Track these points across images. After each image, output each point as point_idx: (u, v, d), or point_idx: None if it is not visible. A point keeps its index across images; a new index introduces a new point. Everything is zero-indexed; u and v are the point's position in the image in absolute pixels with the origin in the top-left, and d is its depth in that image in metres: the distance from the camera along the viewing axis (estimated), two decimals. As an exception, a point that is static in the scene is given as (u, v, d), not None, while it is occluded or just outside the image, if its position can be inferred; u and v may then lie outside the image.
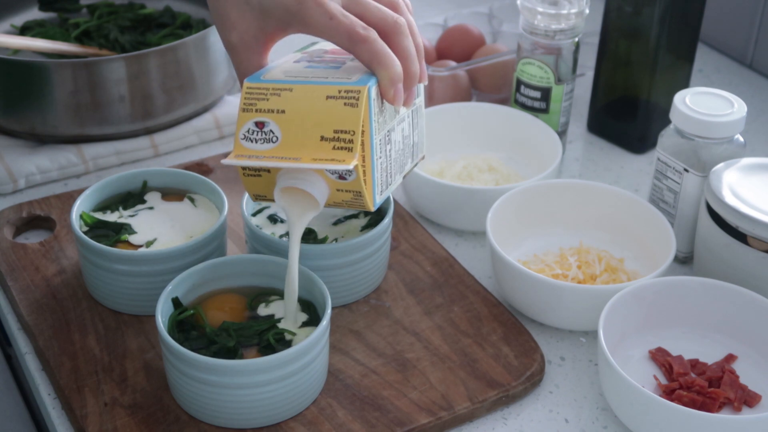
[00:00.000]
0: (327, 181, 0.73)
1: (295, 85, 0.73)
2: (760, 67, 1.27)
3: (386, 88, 0.73)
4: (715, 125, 0.89)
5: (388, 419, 0.77)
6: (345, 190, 0.74)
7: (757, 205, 0.84)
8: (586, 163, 1.10)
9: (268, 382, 0.73)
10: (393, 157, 0.77)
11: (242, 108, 0.73)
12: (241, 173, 0.75)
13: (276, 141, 0.72)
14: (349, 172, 0.72)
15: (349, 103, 0.71)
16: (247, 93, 0.74)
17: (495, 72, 1.14)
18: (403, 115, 0.79)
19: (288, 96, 0.73)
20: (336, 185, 0.73)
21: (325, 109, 0.71)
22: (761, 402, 0.79)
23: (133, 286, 0.84)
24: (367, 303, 0.88)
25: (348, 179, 0.72)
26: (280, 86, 0.73)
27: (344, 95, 0.71)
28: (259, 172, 0.75)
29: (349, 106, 0.71)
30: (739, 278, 0.85)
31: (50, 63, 1.01)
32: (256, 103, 0.73)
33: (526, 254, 0.93)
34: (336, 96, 0.72)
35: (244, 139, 0.73)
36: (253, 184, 0.76)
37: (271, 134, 0.72)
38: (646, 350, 0.83)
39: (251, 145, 0.72)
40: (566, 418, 0.80)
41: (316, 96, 0.72)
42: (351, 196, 0.74)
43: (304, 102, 0.72)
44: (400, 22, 0.73)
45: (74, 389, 0.79)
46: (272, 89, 0.73)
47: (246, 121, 0.73)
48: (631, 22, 1.04)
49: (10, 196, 1.02)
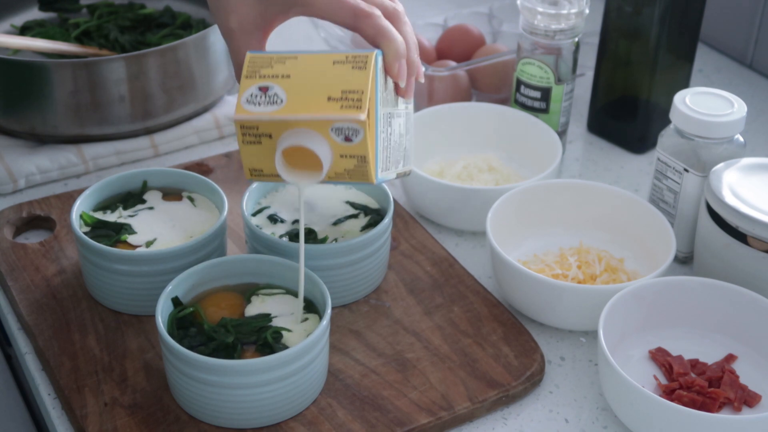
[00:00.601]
0: (331, 146, 0.71)
1: (300, 54, 0.72)
2: (760, 67, 1.27)
3: (391, 63, 0.72)
4: (715, 125, 0.89)
5: (388, 419, 0.77)
6: (349, 155, 0.71)
7: (757, 205, 0.84)
8: (586, 163, 1.10)
9: (268, 382, 0.73)
10: (392, 143, 0.76)
11: (245, 75, 0.71)
12: (241, 141, 0.73)
13: (281, 103, 0.70)
14: (356, 132, 0.70)
15: (357, 67, 0.70)
16: (251, 62, 0.72)
17: (495, 72, 1.14)
18: (401, 110, 0.78)
19: (293, 63, 0.71)
20: (340, 150, 0.71)
21: (332, 73, 0.70)
22: (761, 402, 0.79)
23: (133, 286, 0.84)
24: (367, 303, 0.88)
25: (354, 141, 0.70)
26: (284, 55, 0.72)
27: (352, 60, 0.70)
28: (259, 138, 0.72)
29: (358, 69, 0.70)
30: (739, 278, 0.85)
31: (50, 63, 1.01)
32: (259, 70, 0.71)
33: (526, 254, 0.93)
34: (343, 61, 0.70)
35: (247, 103, 0.71)
36: (251, 154, 0.73)
37: (276, 97, 0.70)
38: (646, 350, 0.83)
39: (255, 108, 0.71)
40: (566, 418, 0.80)
41: (323, 61, 0.71)
42: (354, 163, 0.72)
43: (310, 67, 0.71)
44: (399, 9, 0.74)
45: (74, 389, 0.79)
46: (277, 58, 0.72)
47: (249, 86, 0.71)
48: (631, 22, 1.04)
49: (10, 196, 1.02)
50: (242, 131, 0.72)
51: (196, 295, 0.81)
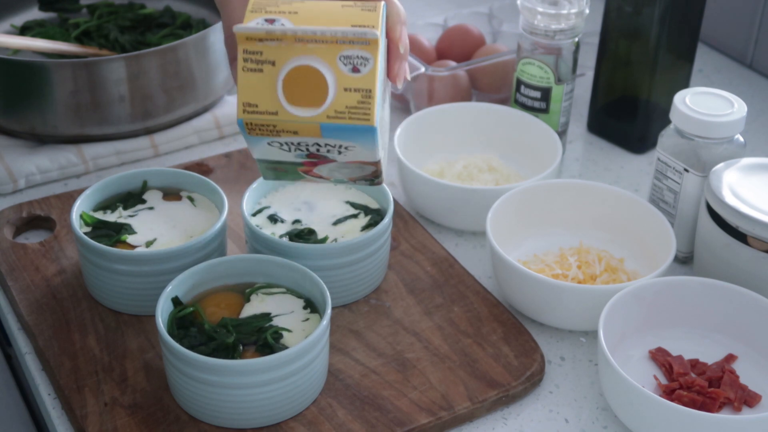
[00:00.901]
0: (336, 76, 0.68)
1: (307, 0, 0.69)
2: (760, 67, 1.27)
3: (393, 25, 0.70)
4: (715, 125, 0.89)
5: (388, 419, 0.77)
6: (354, 89, 0.67)
7: (757, 205, 0.84)
8: (586, 163, 1.10)
9: (268, 382, 0.73)
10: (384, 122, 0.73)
11: (250, 10, 0.68)
12: (241, 68, 0.68)
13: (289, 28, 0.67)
14: (365, 60, 0.66)
15: (367, 9, 0.68)
16: (255, 2, 0.69)
17: (495, 72, 1.14)
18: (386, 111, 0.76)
19: (300, 4, 0.69)
20: (345, 82, 0.67)
21: (341, 12, 0.68)
22: (761, 402, 0.79)
23: (133, 286, 0.84)
24: (367, 303, 0.88)
25: (362, 71, 0.67)
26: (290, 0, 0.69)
27: (361, 4, 0.68)
28: (261, 65, 0.68)
29: (367, 10, 0.68)
30: (739, 278, 0.85)
31: (50, 63, 1.01)
32: (265, 7, 0.68)
33: (526, 254, 0.93)
34: (352, 5, 0.68)
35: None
36: (251, 83, 0.68)
37: (283, 26, 0.67)
38: (646, 350, 0.83)
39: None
40: (566, 418, 0.80)
41: (332, 4, 0.68)
42: (358, 99, 0.68)
43: (318, 6, 0.68)
44: None
45: (74, 389, 0.79)
46: (283, 1, 0.69)
47: (253, 18, 0.68)
48: (631, 22, 1.04)
49: (10, 196, 1.02)
50: (244, 55, 0.68)
51: (196, 295, 0.81)
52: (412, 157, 1.01)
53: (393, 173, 1.07)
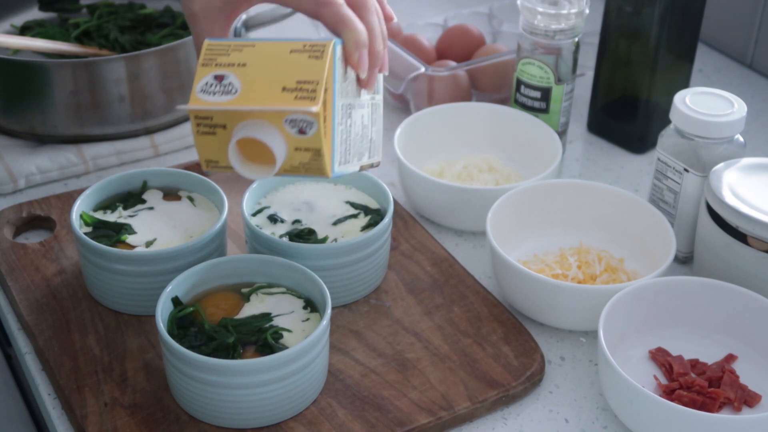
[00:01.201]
0: (285, 138, 0.70)
1: (258, 42, 0.71)
2: (760, 67, 1.27)
3: (351, 51, 0.71)
4: (715, 125, 0.89)
5: (388, 419, 0.77)
6: (304, 148, 0.70)
7: (757, 205, 0.84)
8: (586, 163, 1.10)
9: (268, 382, 0.73)
10: (353, 136, 0.75)
11: (201, 63, 0.70)
12: (195, 131, 0.71)
13: (235, 93, 0.69)
14: (310, 124, 0.68)
15: (314, 56, 0.69)
16: (208, 50, 0.71)
17: (495, 72, 1.14)
18: (364, 101, 0.76)
19: (250, 51, 0.70)
20: (295, 143, 0.70)
21: (288, 62, 0.69)
22: (761, 402, 0.79)
23: (133, 286, 0.84)
24: (367, 303, 0.88)
25: (308, 134, 0.69)
26: (242, 43, 0.71)
27: (309, 49, 0.69)
28: (213, 129, 0.71)
29: (314, 58, 0.69)
30: (739, 278, 0.85)
31: (50, 63, 1.01)
32: (216, 58, 0.70)
33: (526, 254, 0.93)
34: (300, 50, 0.69)
35: (201, 92, 0.70)
36: (206, 145, 0.72)
37: (231, 86, 0.69)
38: (646, 350, 0.83)
39: (209, 98, 0.69)
40: (566, 418, 0.80)
41: (280, 50, 0.70)
42: (309, 157, 0.70)
43: (266, 56, 0.70)
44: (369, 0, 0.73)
45: (74, 389, 0.79)
46: (234, 45, 0.71)
47: (204, 75, 0.70)
48: (631, 22, 1.04)
49: (10, 196, 1.02)
50: (196, 121, 0.71)
51: (196, 295, 0.81)
52: (412, 157, 1.01)
53: (393, 173, 1.07)
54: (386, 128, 1.15)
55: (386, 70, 0.77)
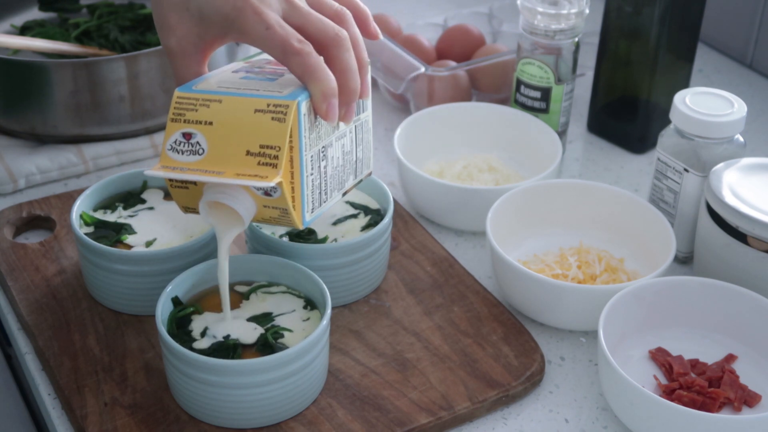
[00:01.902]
0: (253, 197, 0.72)
1: (224, 97, 0.72)
2: (760, 67, 1.27)
3: (318, 103, 0.71)
4: (715, 125, 0.89)
5: (388, 419, 0.77)
6: (272, 206, 0.72)
7: (757, 205, 0.84)
8: (586, 163, 1.10)
9: (268, 382, 0.73)
10: (330, 173, 0.76)
11: (171, 118, 0.72)
12: (169, 185, 0.75)
13: (202, 153, 0.71)
14: (273, 189, 0.71)
15: (277, 118, 0.70)
16: (177, 103, 0.73)
17: (495, 72, 1.14)
18: (344, 130, 0.77)
19: (217, 107, 0.72)
20: (263, 201, 0.72)
21: (252, 123, 0.70)
22: (761, 402, 0.79)
23: (133, 286, 0.84)
24: (367, 303, 0.88)
25: (273, 196, 0.71)
26: (210, 97, 0.72)
27: (272, 109, 0.70)
28: (185, 184, 0.74)
29: (277, 120, 0.70)
30: (739, 278, 0.85)
31: (50, 63, 1.01)
32: (184, 114, 0.72)
33: (526, 254, 0.93)
34: (264, 110, 0.70)
35: (171, 150, 0.72)
36: (181, 196, 0.75)
37: (198, 146, 0.71)
38: (646, 350, 0.83)
39: (178, 157, 0.71)
40: (566, 418, 0.80)
41: (245, 108, 0.71)
42: (278, 213, 0.73)
43: (232, 114, 0.71)
44: (341, 35, 0.72)
45: (74, 389, 0.79)
46: (202, 100, 0.72)
47: (174, 131, 0.72)
48: (631, 22, 1.04)
49: (10, 196, 1.02)
50: (168, 180, 0.74)
51: (195, 295, 0.81)
52: (412, 157, 1.01)
53: (393, 173, 1.07)
54: (386, 128, 1.15)
55: (366, 96, 0.76)
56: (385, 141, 1.12)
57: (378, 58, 1.13)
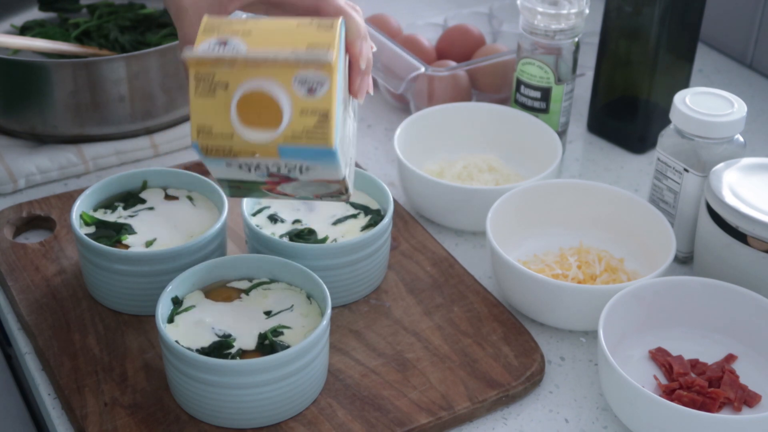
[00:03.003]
0: (292, 99, 0.65)
1: (262, 18, 0.68)
2: (760, 67, 1.27)
3: (353, 40, 0.69)
4: (715, 125, 0.89)
5: (388, 419, 0.77)
6: (310, 112, 0.65)
7: (757, 205, 0.84)
8: (586, 163, 1.10)
9: (268, 382, 0.73)
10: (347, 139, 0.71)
11: (202, 31, 0.66)
12: (193, 92, 0.66)
13: (242, 53, 0.65)
14: (321, 82, 0.64)
15: (323, 27, 0.66)
16: (208, 22, 0.67)
17: (495, 72, 1.14)
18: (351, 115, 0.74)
19: (254, 24, 0.67)
20: (301, 104, 0.65)
21: (296, 31, 0.66)
22: (761, 402, 0.79)
23: (133, 286, 0.84)
24: (367, 303, 0.88)
25: (317, 94, 0.65)
26: (245, 19, 0.67)
27: (317, 23, 0.67)
28: (214, 89, 0.66)
29: (323, 29, 0.66)
30: (739, 278, 0.85)
31: (50, 63, 1.01)
32: (218, 27, 0.66)
33: (526, 254, 0.93)
34: (308, 24, 0.67)
35: (203, 53, 0.65)
36: (204, 108, 0.66)
37: (235, 49, 0.65)
38: (646, 350, 0.83)
39: (213, 53, 0.65)
40: (566, 418, 0.80)
41: (287, 24, 0.67)
42: (315, 122, 0.65)
43: (273, 26, 0.67)
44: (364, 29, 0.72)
45: (74, 389, 0.79)
46: (236, 21, 0.67)
47: (205, 39, 0.66)
48: (631, 22, 1.04)
49: (10, 196, 1.02)
50: (196, 80, 0.66)
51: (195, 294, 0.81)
52: (412, 157, 1.01)
53: (393, 173, 1.07)
54: (386, 128, 1.15)
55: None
56: (385, 141, 1.12)
57: (378, 58, 1.13)
